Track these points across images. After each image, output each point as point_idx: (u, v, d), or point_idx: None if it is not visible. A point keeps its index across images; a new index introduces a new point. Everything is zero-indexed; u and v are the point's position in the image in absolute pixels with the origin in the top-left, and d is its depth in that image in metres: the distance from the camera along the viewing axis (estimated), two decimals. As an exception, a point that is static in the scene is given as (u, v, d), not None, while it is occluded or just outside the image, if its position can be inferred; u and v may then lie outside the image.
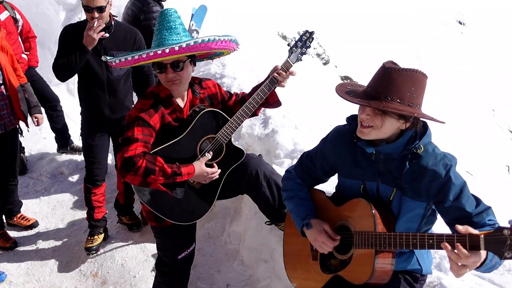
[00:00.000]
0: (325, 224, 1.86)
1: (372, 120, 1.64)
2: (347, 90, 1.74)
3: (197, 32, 4.47)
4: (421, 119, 1.69)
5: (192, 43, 1.96)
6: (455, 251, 1.41)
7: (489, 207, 1.65)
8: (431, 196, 1.68)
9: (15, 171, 3.55)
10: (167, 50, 1.93)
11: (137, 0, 4.01)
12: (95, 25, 2.82)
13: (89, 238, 3.38)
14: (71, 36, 2.97)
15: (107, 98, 3.16)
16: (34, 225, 3.74)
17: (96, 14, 2.86)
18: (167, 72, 2.09)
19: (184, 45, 1.95)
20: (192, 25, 4.40)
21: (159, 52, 1.94)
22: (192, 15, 4.46)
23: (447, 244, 1.43)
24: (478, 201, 1.66)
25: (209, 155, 2.24)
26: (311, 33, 2.31)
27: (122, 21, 4.10)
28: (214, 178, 2.27)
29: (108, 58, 2.12)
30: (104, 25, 2.89)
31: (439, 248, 1.49)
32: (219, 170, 2.28)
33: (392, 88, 1.59)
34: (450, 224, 1.70)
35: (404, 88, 1.58)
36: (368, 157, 1.79)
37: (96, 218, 3.36)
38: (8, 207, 3.61)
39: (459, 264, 1.43)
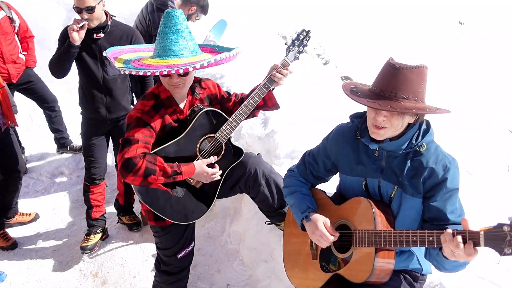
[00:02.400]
0: (325, 218, 1.86)
1: (389, 121, 1.63)
2: (353, 90, 1.71)
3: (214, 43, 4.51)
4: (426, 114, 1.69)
5: (205, 64, 1.96)
6: (462, 247, 1.41)
7: None
8: (424, 191, 1.69)
9: (20, 169, 3.50)
10: (181, 71, 1.93)
11: (152, 13, 4.00)
12: (76, 23, 2.83)
13: (85, 237, 3.39)
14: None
15: (103, 97, 3.17)
16: (36, 218, 3.78)
17: (85, 15, 2.87)
18: (172, 77, 2.08)
19: (198, 65, 1.94)
20: (209, 36, 4.43)
21: (173, 71, 1.93)
22: (212, 27, 4.51)
23: (459, 238, 1.41)
24: (461, 213, 1.67)
25: (213, 159, 2.24)
26: (308, 32, 2.30)
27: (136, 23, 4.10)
28: (214, 179, 2.27)
29: (117, 66, 2.07)
30: (86, 25, 2.88)
31: (439, 245, 1.49)
32: (220, 171, 2.28)
33: (406, 86, 1.59)
34: (425, 221, 1.71)
35: (417, 86, 1.59)
36: (371, 154, 1.80)
37: (94, 217, 3.37)
38: (13, 208, 3.60)
39: (458, 257, 1.44)
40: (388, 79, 1.62)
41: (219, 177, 2.30)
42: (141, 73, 1.97)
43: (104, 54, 2.20)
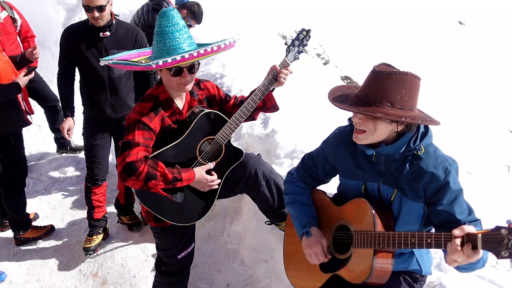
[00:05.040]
0: (324, 238, 1.88)
1: (365, 124, 1.65)
2: (340, 95, 1.73)
3: None
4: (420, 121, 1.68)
5: (227, 43, 2.02)
6: (461, 249, 1.41)
7: (479, 220, 1.65)
8: (427, 197, 1.68)
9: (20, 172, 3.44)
10: (197, 52, 1.94)
11: (148, 12, 4.01)
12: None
13: (87, 238, 3.38)
14: (70, 40, 3.03)
15: (108, 97, 3.17)
16: (35, 218, 3.78)
17: (96, 14, 2.88)
18: (184, 76, 2.06)
19: (210, 48, 1.96)
20: None
21: (187, 56, 1.92)
22: None
23: (457, 242, 1.42)
24: (470, 211, 1.67)
25: (211, 165, 2.24)
26: (308, 31, 2.30)
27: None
28: (213, 187, 2.27)
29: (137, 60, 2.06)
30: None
31: (437, 247, 1.49)
32: (219, 180, 2.28)
33: (381, 92, 1.59)
34: (437, 226, 1.71)
35: (394, 92, 1.58)
36: (369, 158, 1.80)
37: (96, 218, 3.36)
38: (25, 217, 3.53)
39: (457, 260, 1.44)
40: (366, 83, 1.66)
41: (217, 186, 2.30)
42: (153, 66, 1.91)
43: (101, 63, 2.18)
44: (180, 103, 2.25)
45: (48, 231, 3.62)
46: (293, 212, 2.00)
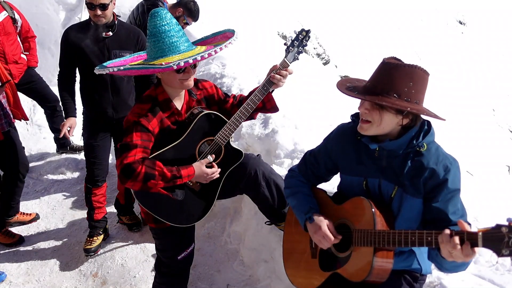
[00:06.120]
0: (328, 221, 1.86)
1: (370, 115, 1.66)
2: (348, 85, 1.76)
3: None
4: (422, 116, 1.69)
5: (222, 47, 2.03)
6: (460, 247, 1.41)
7: (470, 224, 1.64)
8: (425, 192, 1.69)
9: (21, 169, 3.47)
10: (206, 55, 1.96)
11: (143, 14, 4.00)
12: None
13: (88, 239, 3.37)
14: (72, 40, 3.02)
15: (110, 97, 3.16)
16: (36, 218, 3.78)
17: (99, 11, 2.88)
18: (188, 71, 2.07)
19: (214, 51, 1.98)
20: None
21: (199, 58, 1.95)
22: None
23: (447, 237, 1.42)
24: (463, 214, 1.68)
25: (211, 158, 2.23)
26: (307, 32, 2.30)
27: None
28: (214, 178, 2.27)
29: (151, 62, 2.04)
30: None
31: (438, 245, 1.49)
32: (219, 169, 2.28)
33: (389, 83, 1.61)
34: (428, 223, 1.72)
35: (401, 83, 1.59)
36: (371, 154, 1.80)
37: (96, 219, 3.36)
38: (14, 207, 3.58)
39: (456, 257, 1.44)
40: (375, 74, 1.68)
41: (219, 175, 2.29)
42: (175, 67, 1.91)
43: (103, 73, 2.17)
44: (179, 103, 2.24)
45: (17, 242, 3.54)
46: (296, 202, 1.99)
